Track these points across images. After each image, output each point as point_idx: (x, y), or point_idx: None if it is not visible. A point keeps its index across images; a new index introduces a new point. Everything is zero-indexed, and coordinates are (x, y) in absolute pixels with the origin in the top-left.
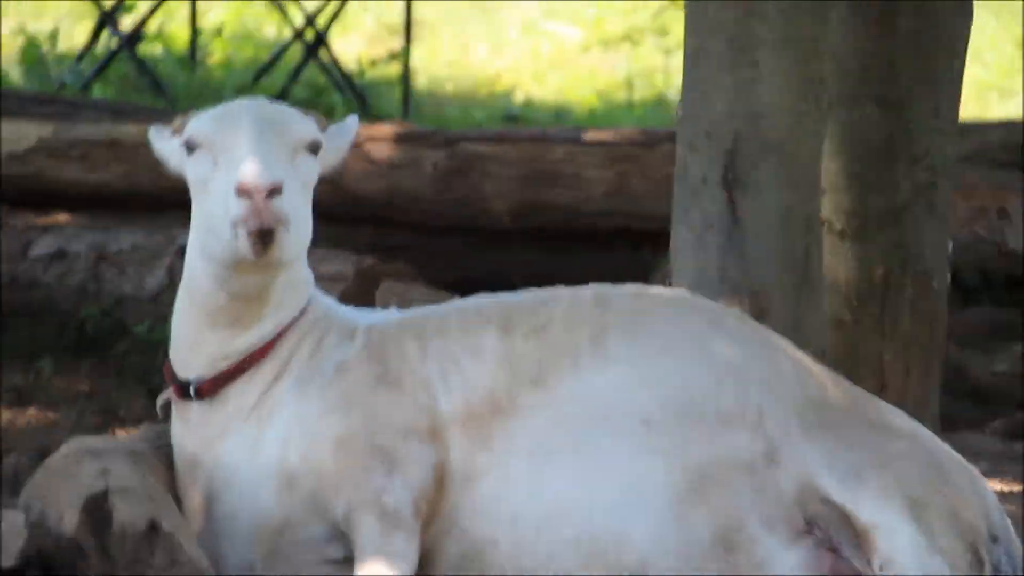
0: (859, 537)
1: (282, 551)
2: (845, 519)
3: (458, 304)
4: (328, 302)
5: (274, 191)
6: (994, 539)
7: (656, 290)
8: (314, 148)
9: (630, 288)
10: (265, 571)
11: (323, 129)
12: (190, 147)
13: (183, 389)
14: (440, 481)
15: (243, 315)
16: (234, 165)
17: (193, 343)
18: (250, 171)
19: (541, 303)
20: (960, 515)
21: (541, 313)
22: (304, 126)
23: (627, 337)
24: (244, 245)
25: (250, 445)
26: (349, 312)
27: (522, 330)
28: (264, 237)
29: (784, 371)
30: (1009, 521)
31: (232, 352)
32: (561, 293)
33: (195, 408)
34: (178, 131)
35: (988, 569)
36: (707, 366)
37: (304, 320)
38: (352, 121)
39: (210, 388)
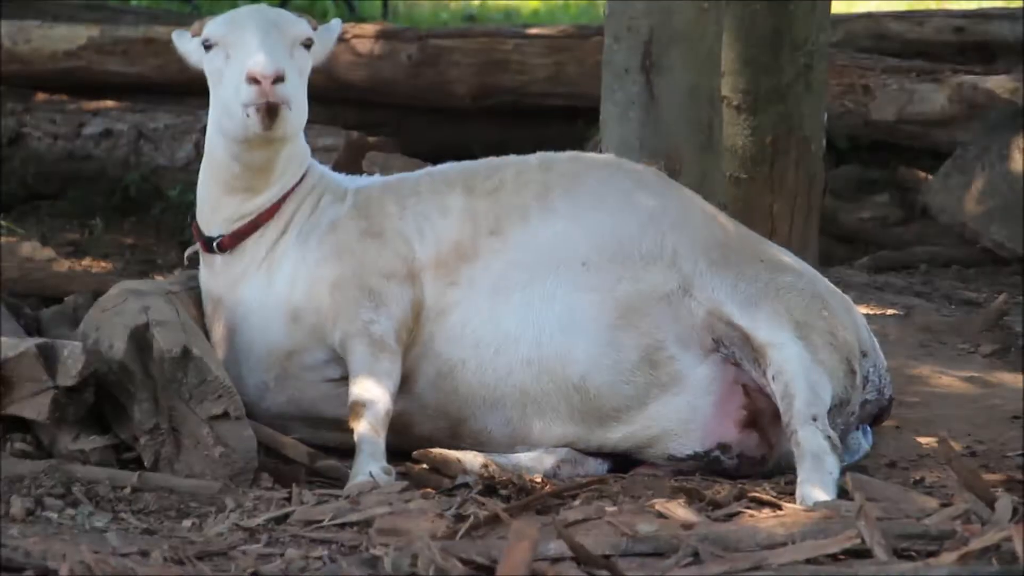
0: (756, 352)
1: (290, 373)
2: (745, 338)
3: (428, 170)
4: (322, 169)
5: (278, 79)
6: (864, 354)
7: (590, 156)
8: (308, 44)
9: (568, 154)
10: (276, 390)
11: (314, 28)
12: (207, 45)
13: (208, 244)
14: (417, 314)
15: (253, 183)
16: (244, 58)
17: (214, 207)
18: (258, 62)
19: (496, 168)
20: (837, 334)
21: (496, 176)
22: (299, 26)
23: (567, 194)
24: (254, 121)
25: (263, 287)
26: (340, 178)
27: (481, 191)
28: (271, 112)
29: (694, 218)
30: (875, 339)
31: (246, 213)
32: (512, 159)
33: (218, 259)
34: (196, 33)
35: (859, 379)
36: (632, 216)
37: (303, 185)
38: (336, 24)
39: (230, 242)
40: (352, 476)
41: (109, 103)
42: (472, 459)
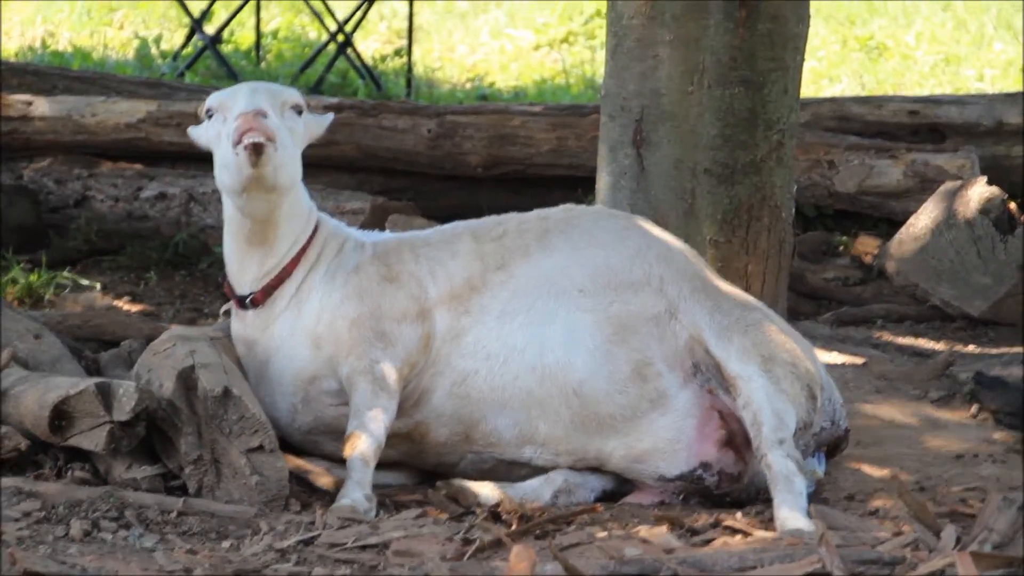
0: (727, 382)
1: (312, 397)
2: (718, 367)
3: (438, 228)
4: (337, 224)
5: (259, 113)
6: (820, 387)
7: (581, 207)
8: (298, 109)
9: (562, 207)
10: (304, 411)
11: (307, 104)
12: (208, 114)
13: (241, 302)
14: (425, 345)
15: (265, 235)
16: (235, 111)
17: (240, 265)
18: (241, 104)
19: (499, 222)
20: (798, 364)
21: (500, 228)
22: (289, 92)
23: (563, 234)
24: (243, 160)
25: (292, 320)
26: (358, 232)
27: (487, 237)
28: (257, 149)
29: (677, 254)
30: (831, 379)
31: (269, 269)
32: (513, 215)
33: (251, 313)
34: (201, 116)
35: (819, 403)
36: (622, 249)
37: (319, 236)
38: (328, 116)
39: (261, 298)
40: (339, 499)
41: (164, 169)
42: (488, 492)
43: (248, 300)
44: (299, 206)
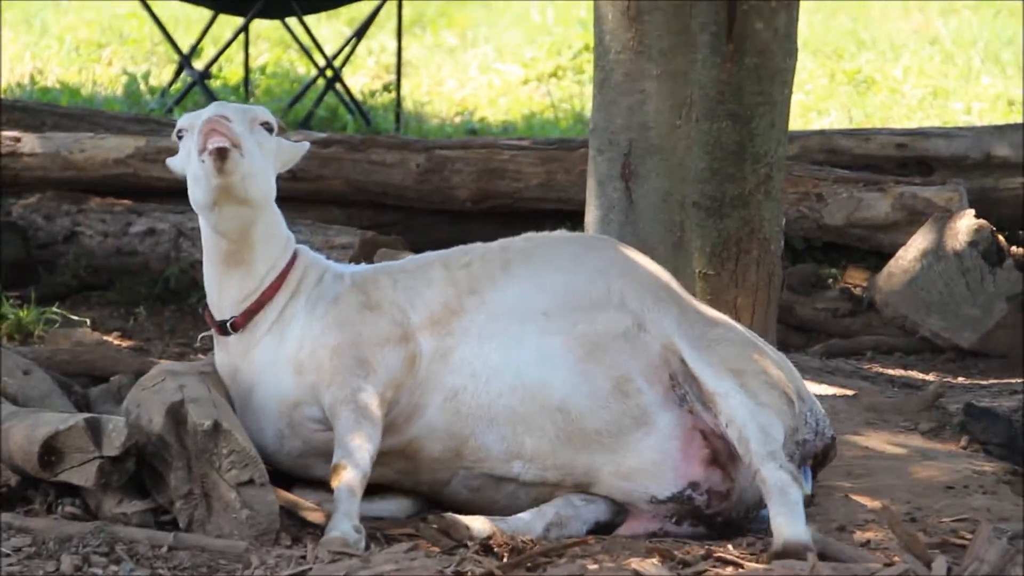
0: (706, 399)
1: (297, 422)
2: (694, 379)
3: (410, 257)
4: (316, 255)
5: (223, 118)
6: (800, 398)
7: (542, 233)
8: (268, 127)
9: (522, 236)
10: (291, 436)
11: (280, 126)
12: (179, 135)
13: (222, 327)
14: (411, 366)
15: (242, 254)
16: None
17: (220, 289)
18: (206, 113)
19: (465, 251)
20: (770, 372)
21: (466, 257)
22: (259, 110)
23: (524, 263)
24: (208, 167)
25: (274, 346)
26: (336, 264)
27: (456, 265)
28: (221, 153)
29: (640, 269)
30: (813, 394)
31: (249, 292)
32: (477, 245)
33: (232, 338)
34: (175, 142)
35: (798, 408)
36: (581, 271)
37: (298, 264)
38: (304, 145)
39: (242, 321)
40: (327, 531)
41: (153, 205)
42: (480, 526)
43: (229, 324)
44: (275, 228)
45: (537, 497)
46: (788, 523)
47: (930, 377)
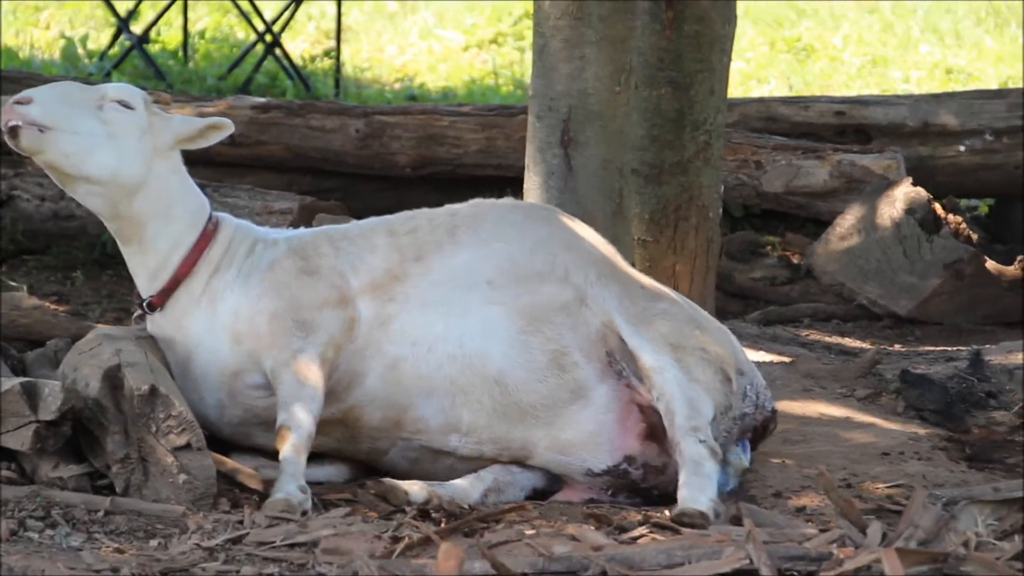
0: (642, 374)
1: (237, 391)
2: (632, 357)
3: (355, 222)
4: (243, 224)
5: (19, 101)
6: (740, 372)
7: (489, 200)
8: (125, 104)
9: (471, 201)
10: (231, 405)
11: (156, 101)
12: None
13: (142, 307)
14: (350, 329)
15: (129, 234)
16: None
17: (130, 267)
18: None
19: (411, 217)
20: (708, 349)
21: (412, 222)
22: (112, 88)
23: (471, 230)
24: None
25: (208, 318)
26: (268, 231)
27: (401, 231)
28: (12, 132)
29: (582, 242)
30: (754, 365)
31: (156, 271)
32: (424, 211)
33: (156, 315)
34: None
35: (735, 386)
36: (524, 242)
37: (219, 238)
38: (200, 120)
39: (159, 301)
40: (273, 493)
41: None
42: (418, 491)
43: (146, 304)
44: (164, 205)
45: (474, 471)
46: (690, 494)
47: (867, 344)
